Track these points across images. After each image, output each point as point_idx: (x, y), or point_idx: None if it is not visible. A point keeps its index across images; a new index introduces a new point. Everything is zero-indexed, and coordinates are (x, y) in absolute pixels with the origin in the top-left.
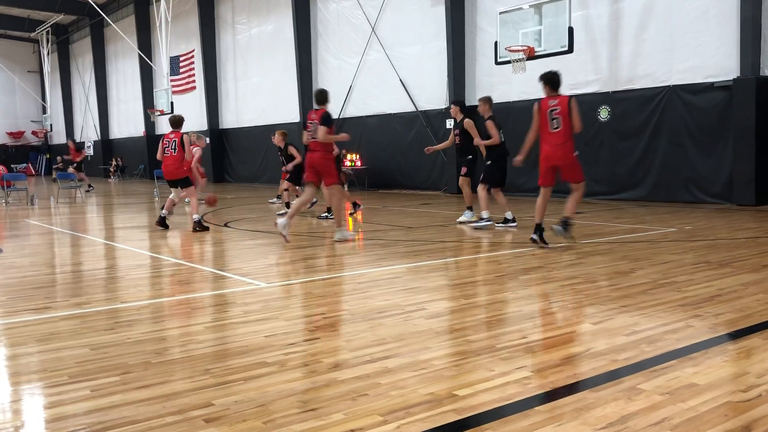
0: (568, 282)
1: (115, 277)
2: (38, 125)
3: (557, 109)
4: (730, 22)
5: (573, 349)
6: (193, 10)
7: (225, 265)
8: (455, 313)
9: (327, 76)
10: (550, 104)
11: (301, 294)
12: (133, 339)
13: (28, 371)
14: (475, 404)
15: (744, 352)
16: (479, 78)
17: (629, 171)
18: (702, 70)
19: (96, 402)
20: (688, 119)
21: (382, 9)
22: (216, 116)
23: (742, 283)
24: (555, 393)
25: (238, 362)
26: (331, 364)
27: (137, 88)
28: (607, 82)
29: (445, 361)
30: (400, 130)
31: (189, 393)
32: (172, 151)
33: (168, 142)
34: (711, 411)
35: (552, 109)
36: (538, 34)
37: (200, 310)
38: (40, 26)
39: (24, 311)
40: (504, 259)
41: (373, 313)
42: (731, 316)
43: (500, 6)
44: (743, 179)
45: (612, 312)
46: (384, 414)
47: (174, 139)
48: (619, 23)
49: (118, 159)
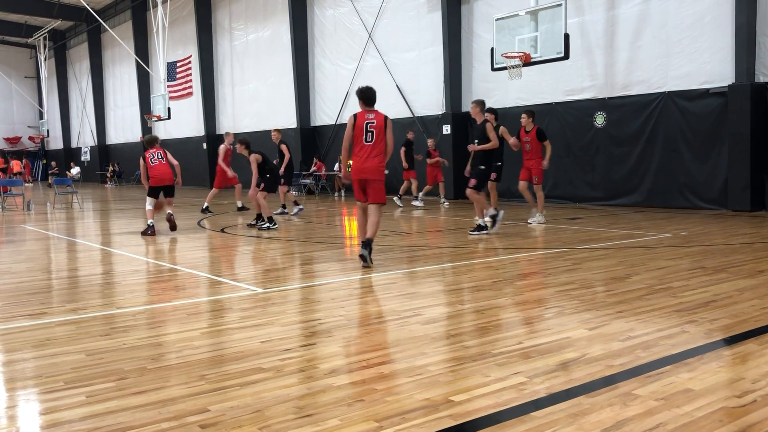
0: (563, 287)
1: (111, 283)
2: (35, 131)
3: (373, 122)
4: (725, 28)
5: (568, 354)
6: (190, 16)
7: (221, 270)
8: (451, 319)
9: (324, 81)
10: (366, 117)
11: (297, 299)
12: (129, 345)
13: (24, 377)
14: (471, 410)
15: (739, 358)
16: (475, 84)
17: (625, 177)
18: (697, 77)
19: (92, 408)
20: (684, 125)
21: (379, 15)
22: (213, 121)
23: (738, 288)
24: (551, 398)
25: (233, 368)
26: (327, 369)
27: (134, 93)
28: (603, 89)
29: (441, 367)
30: (396, 136)
31: (185, 399)
32: (160, 160)
33: (153, 155)
34: (706, 416)
35: (368, 122)
36: (534, 40)
37: (196, 315)
38: (37, 32)
39: (20, 317)
40: (500, 265)
41: (369, 318)
42: (726, 322)
43: (496, 12)
44: (738, 185)
45: (607, 317)
46: (380, 420)
47: (158, 152)
48: (614, 30)
49: (115, 165)
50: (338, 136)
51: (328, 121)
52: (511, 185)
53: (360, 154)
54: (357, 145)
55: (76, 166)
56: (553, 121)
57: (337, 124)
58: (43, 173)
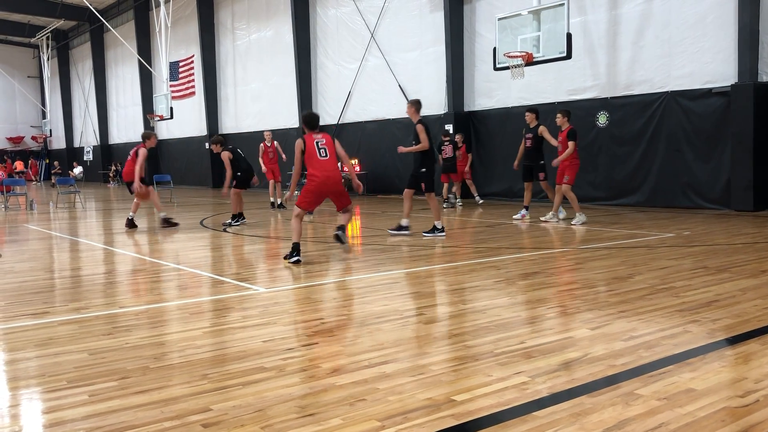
0: (566, 287)
1: (114, 282)
2: (38, 130)
3: (323, 141)
4: (728, 28)
5: (571, 354)
6: (193, 16)
7: (223, 270)
8: (453, 318)
9: (326, 81)
10: (315, 137)
11: (299, 299)
12: (132, 344)
13: (27, 376)
14: (473, 409)
15: (742, 358)
16: (478, 84)
17: (627, 176)
18: (700, 76)
19: (94, 407)
20: (686, 125)
21: (381, 15)
22: (215, 121)
23: (740, 288)
24: (553, 398)
25: (236, 367)
26: (329, 369)
27: (137, 93)
28: (606, 88)
29: (444, 367)
30: (399, 136)
31: (187, 398)
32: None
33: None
34: (708, 416)
35: (318, 141)
36: (537, 40)
37: (198, 315)
38: (40, 32)
39: (23, 316)
40: (502, 265)
41: (372, 318)
42: (729, 322)
43: (499, 12)
44: (741, 185)
45: (610, 317)
46: (382, 419)
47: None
48: (617, 29)
49: (118, 164)
50: (341, 136)
51: (331, 121)
52: (514, 186)
53: (321, 167)
54: (314, 163)
55: (79, 165)
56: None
57: (339, 123)
58: (46, 173)
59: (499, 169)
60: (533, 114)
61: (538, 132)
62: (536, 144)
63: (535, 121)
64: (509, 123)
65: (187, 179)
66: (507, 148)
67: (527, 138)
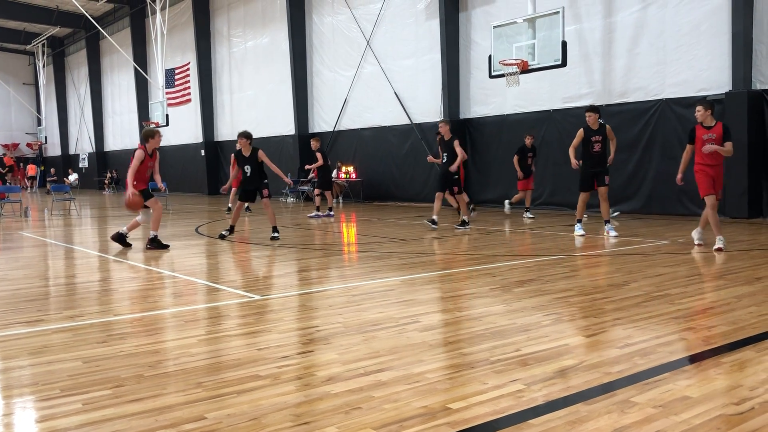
0: (561, 294)
1: (109, 290)
2: (33, 137)
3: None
4: (722, 36)
5: (566, 361)
6: (189, 23)
7: (219, 277)
8: (449, 326)
9: (322, 88)
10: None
11: (294, 306)
12: (126, 352)
13: (20, 384)
14: (468, 417)
15: (737, 365)
16: (473, 91)
17: (623, 184)
18: (694, 84)
19: (88, 415)
20: (681, 132)
21: (377, 23)
22: (211, 128)
23: (735, 295)
24: (548, 406)
25: (231, 375)
26: (325, 377)
27: (132, 100)
28: (601, 96)
29: (439, 374)
30: (394, 143)
31: (182, 406)
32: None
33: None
34: (704, 424)
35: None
36: (532, 47)
37: (194, 322)
38: (35, 39)
39: (16, 324)
40: (498, 272)
41: (367, 325)
42: (724, 329)
43: (494, 20)
44: (736, 192)
45: (605, 325)
46: (377, 427)
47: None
48: (612, 37)
49: (113, 171)
50: (337, 142)
51: (327, 128)
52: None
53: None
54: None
55: (74, 172)
56: (551, 129)
57: (335, 131)
58: (41, 180)
59: (494, 176)
60: (596, 114)
61: (606, 132)
62: (604, 147)
63: (597, 123)
64: (505, 130)
65: (182, 186)
66: (502, 155)
67: (595, 142)
